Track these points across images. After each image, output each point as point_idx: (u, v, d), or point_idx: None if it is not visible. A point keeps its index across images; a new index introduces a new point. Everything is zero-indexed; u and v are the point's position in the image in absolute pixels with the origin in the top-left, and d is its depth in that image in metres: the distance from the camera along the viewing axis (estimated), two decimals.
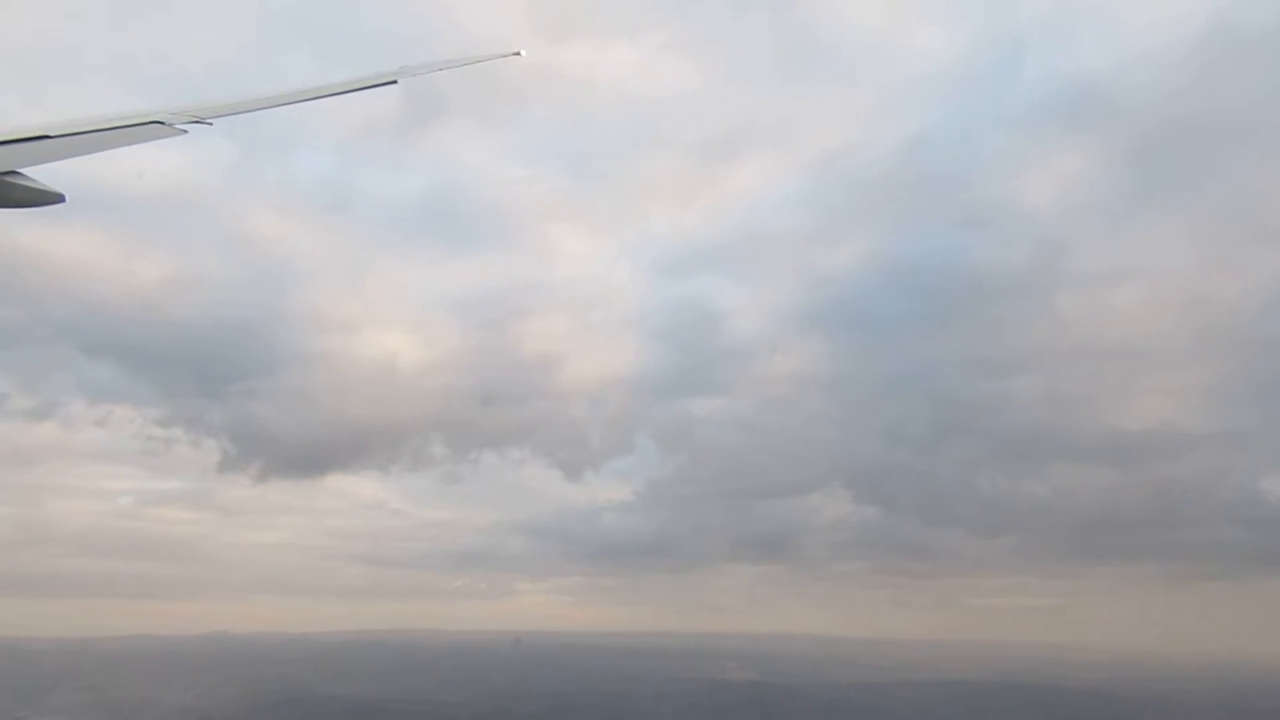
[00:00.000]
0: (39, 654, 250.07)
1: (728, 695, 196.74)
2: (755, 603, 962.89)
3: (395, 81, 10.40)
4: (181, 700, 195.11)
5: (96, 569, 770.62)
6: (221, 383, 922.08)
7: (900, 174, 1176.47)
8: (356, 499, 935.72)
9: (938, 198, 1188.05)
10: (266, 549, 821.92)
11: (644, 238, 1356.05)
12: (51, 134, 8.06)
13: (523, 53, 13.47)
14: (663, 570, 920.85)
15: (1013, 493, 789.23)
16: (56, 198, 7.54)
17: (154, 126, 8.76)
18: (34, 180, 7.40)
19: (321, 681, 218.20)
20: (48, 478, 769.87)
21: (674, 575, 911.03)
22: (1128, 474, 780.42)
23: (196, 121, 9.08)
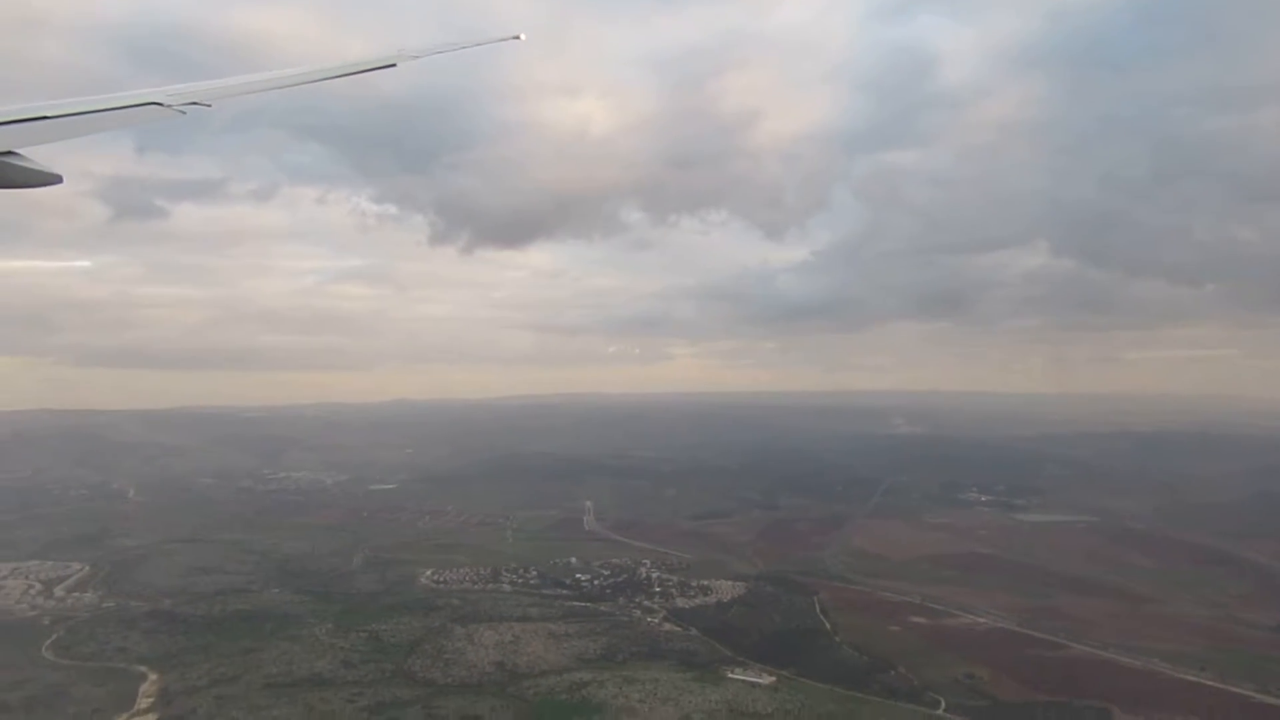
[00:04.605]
0: (256, 420, 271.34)
1: (911, 448, 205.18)
2: (915, 361, 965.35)
3: (394, 65, 10.47)
4: (400, 457, 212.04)
5: (287, 344, 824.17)
6: (425, 158, 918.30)
7: None
8: (536, 270, 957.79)
9: None
10: (438, 321, 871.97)
11: None
12: (49, 115, 8.07)
13: (523, 36, 13.44)
14: (826, 330, 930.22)
15: (1232, 240, 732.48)
16: (54, 178, 7.58)
17: (151, 108, 8.68)
18: (31, 161, 7.41)
19: (522, 440, 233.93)
20: (249, 258, 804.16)
21: (836, 335, 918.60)
22: None
23: (194, 104, 8.96)
